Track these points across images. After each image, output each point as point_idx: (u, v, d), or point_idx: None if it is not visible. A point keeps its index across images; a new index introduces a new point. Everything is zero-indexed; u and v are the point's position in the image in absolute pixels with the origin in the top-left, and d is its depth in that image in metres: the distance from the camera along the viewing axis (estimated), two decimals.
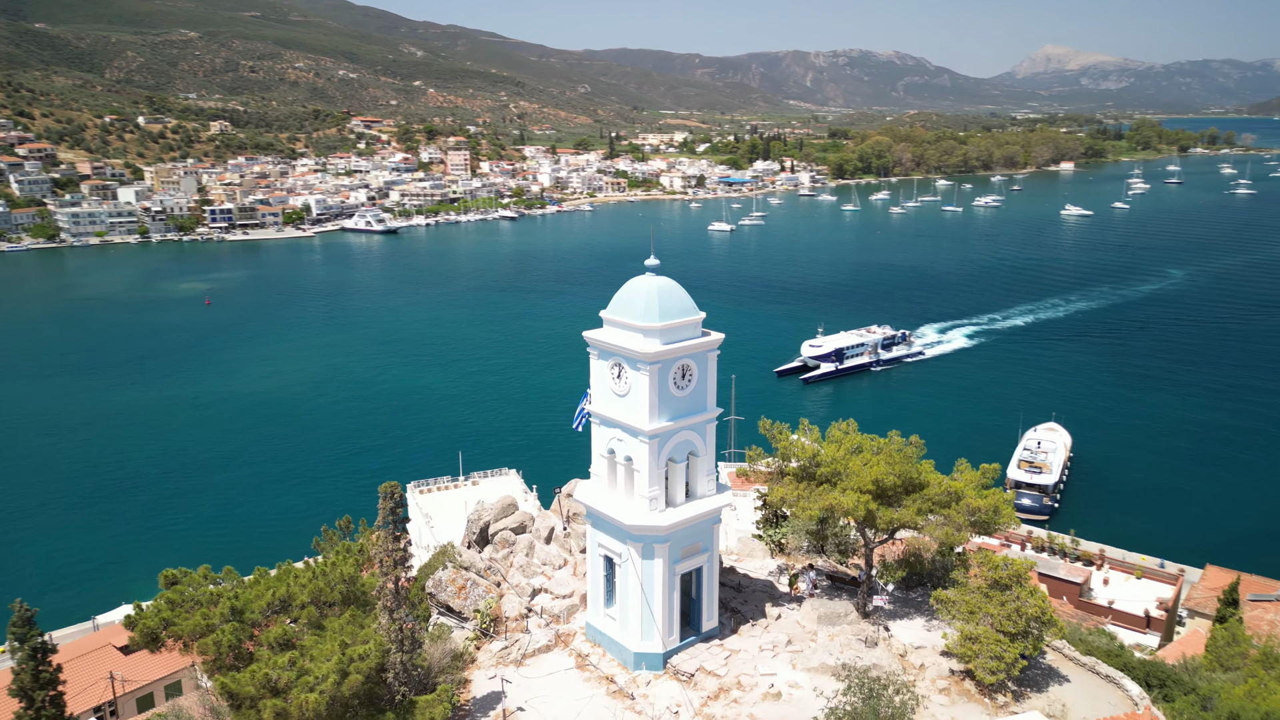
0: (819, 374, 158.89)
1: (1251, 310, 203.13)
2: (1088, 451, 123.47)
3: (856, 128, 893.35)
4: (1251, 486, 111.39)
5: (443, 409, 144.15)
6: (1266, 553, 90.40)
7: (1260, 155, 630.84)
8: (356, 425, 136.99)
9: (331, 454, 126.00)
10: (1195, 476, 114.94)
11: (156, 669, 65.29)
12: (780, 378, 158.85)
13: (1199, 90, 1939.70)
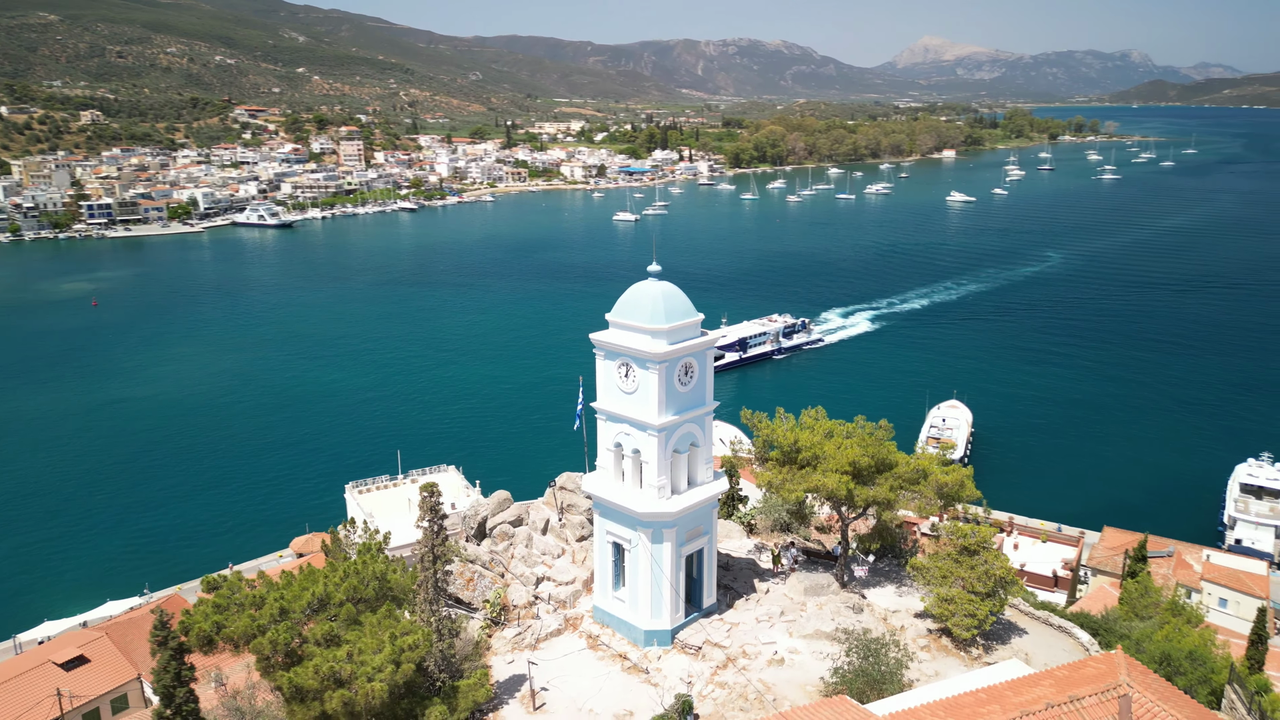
0: (724, 364, 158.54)
1: (1123, 289, 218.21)
2: (988, 426, 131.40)
3: (749, 117, 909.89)
4: (1135, 453, 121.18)
5: (367, 407, 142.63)
6: (1154, 514, 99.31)
7: (1123, 142, 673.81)
8: (277, 427, 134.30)
9: (254, 458, 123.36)
10: (1086, 446, 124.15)
11: (101, 683, 64.23)
12: None
13: (1064, 80, 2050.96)
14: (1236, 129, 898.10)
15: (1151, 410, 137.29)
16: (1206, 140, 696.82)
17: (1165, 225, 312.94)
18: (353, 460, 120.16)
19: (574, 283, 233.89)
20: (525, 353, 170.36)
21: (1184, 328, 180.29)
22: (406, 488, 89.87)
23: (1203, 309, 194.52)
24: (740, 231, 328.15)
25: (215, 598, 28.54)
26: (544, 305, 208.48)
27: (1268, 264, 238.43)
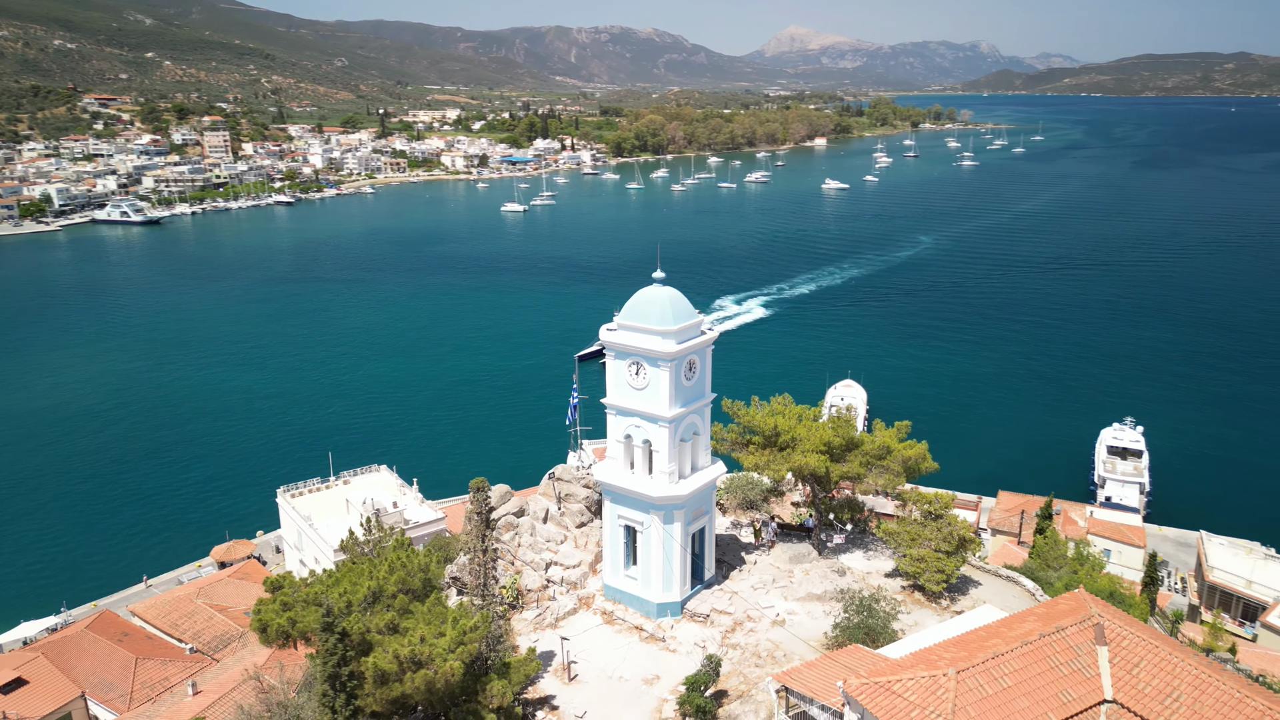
0: None
1: (990, 270, 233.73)
2: (881, 404, 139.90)
3: (625, 105, 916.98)
4: (1014, 422, 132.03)
5: (280, 411, 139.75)
6: (1037, 477, 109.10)
7: (978, 130, 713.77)
8: (182, 435, 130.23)
9: (162, 468, 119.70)
10: (971, 418, 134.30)
11: (44, 704, 63.31)
12: (581, 362, 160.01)
13: (920, 69, 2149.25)
14: (1077, 116, 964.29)
15: (1024, 382, 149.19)
16: (1052, 127, 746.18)
17: (1021, 209, 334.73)
18: (272, 465, 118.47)
19: (470, 275, 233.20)
20: (435, 348, 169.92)
21: (1045, 305, 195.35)
22: (340, 489, 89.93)
23: (1060, 287, 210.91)
24: (629, 221, 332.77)
25: (281, 596, 30.26)
26: (443, 299, 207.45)
27: (1113, 244, 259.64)
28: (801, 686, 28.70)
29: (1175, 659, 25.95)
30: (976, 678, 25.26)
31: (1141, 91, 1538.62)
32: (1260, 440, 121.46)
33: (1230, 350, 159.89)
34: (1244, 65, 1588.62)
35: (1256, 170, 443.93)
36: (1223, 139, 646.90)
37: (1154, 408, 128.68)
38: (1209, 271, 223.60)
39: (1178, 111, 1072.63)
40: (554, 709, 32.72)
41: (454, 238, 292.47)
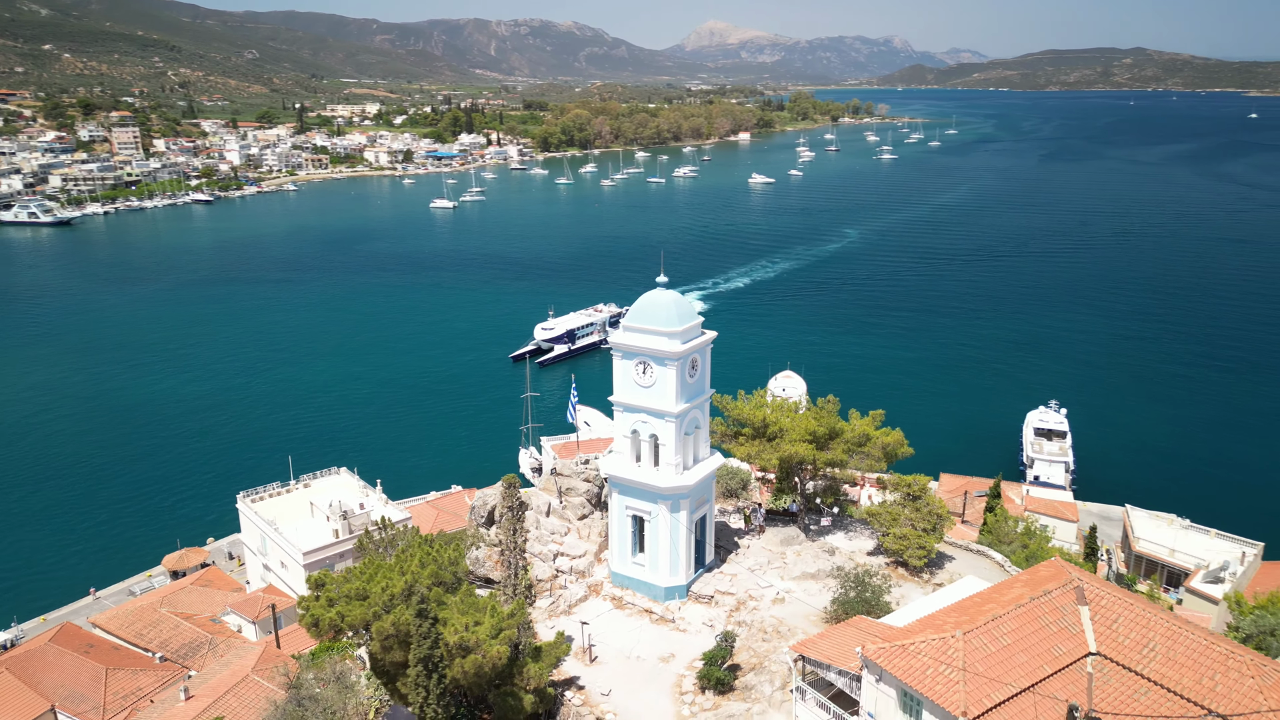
0: (553, 356, 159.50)
1: (915, 261, 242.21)
2: (820, 393, 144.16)
3: (548, 99, 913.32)
4: (946, 408, 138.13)
5: (223, 415, 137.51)
6: (971, 459, 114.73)
7: (894, 124, 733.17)
8: (116, 443, 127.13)
9: (103, 477, 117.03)
10: (905, 404, 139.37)
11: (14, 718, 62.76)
12: (515, 362, 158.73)
13: (837, 64, 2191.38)
14: (987, 110, 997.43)
15: (954, 369, 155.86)
16: (964, 121, 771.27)
17: (940, 202, 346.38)
18: (218, 471, 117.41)
19: (404, 274, 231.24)
20: (376, 348, 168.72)
21: (969, 294, 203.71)
22: (302, 492, 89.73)
23: (982, 277, 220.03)
24: (561, 217, 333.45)
25: (326, 593, 31.63)
26: (379, 299, 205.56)
27: (1029, 235, 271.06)
28: (818, 655, 31.45)
29: (1148, 615, 29.51)
30: (980, 638, 28.37)
31: (1046, 86, 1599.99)
32: (1172, 419, 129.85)
33: (1141, 334, 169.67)
34: (1141, 60, 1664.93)
35: (1156, 162, 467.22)
36: (1123, 132, 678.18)
37: (1075, 390, 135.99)
38: (1118, 259, 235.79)
39: (1081, 105, 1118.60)
40: (580, 689, 34.82)
41: (384, 235, 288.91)
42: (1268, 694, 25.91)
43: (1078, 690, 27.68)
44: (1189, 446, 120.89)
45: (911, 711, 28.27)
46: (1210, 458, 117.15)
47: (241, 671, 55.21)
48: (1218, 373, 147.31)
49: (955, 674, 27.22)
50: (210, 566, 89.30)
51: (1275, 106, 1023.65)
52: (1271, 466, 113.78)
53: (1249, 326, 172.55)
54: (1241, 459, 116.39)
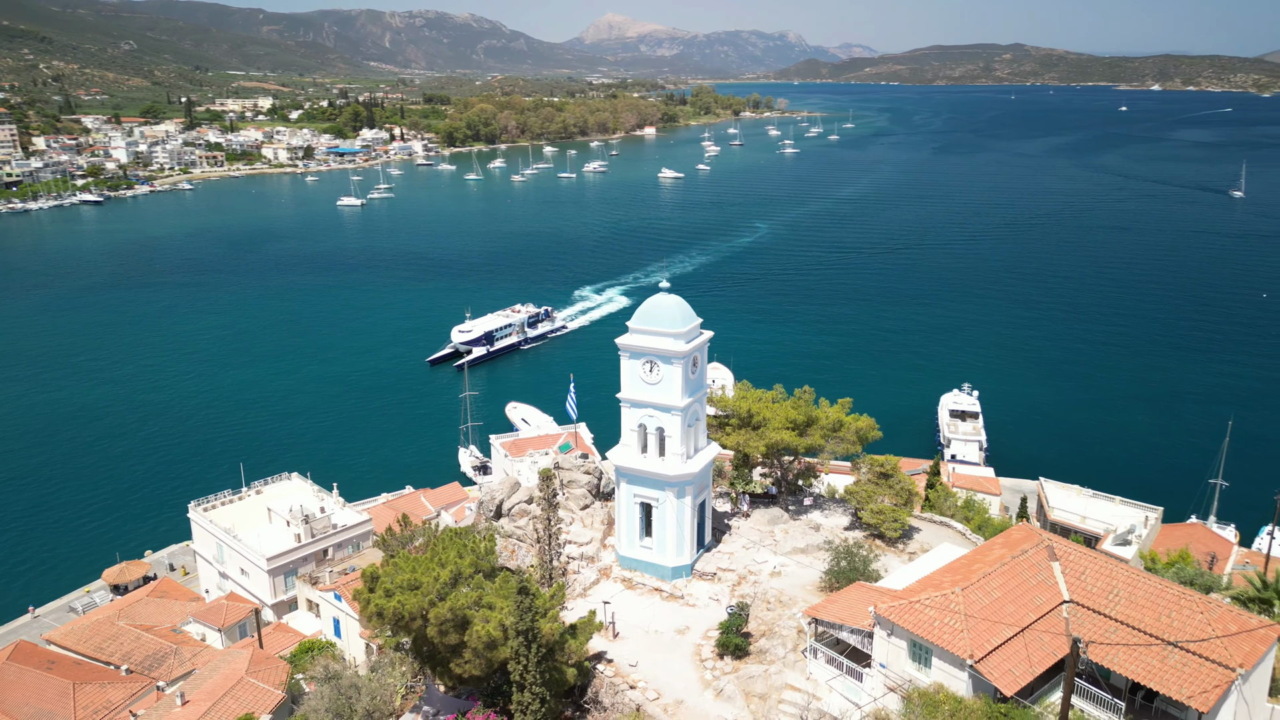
0: (472, 359, 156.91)
1: (825, 253, 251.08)
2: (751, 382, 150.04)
3: (447, 92, 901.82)
4: (867, 392, 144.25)
5: (137, 425, 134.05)
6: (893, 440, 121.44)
7: (794, 118, 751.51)
8: (35, 458, 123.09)
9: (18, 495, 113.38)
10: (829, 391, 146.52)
11: None
12: (434, 366, 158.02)
13: (735, 58, 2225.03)
14: (880, 104, 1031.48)
15: (869, 356, 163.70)
16: (860, 115, 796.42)
17: (843, 195, 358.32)
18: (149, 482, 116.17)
19: (316, 274, 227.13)
20: (296, 351, 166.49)
21: (878, 284, 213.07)
22: (255, 499, 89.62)
23: (889, 268, 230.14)
24: (474, 214, 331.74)
25: (382, 585, 33.83)
26: (293, 301, 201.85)
27: (927, 227, 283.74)
28: (830, 616, 35.42)
29: (1110, 567, 34.54)
30: (975, 593, 32.78)
31: (933, 80, 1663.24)
32: (1071, 397, 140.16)
33: (1037, 318, 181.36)
34: (1019, 56, 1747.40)
35: (1039, 154, 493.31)
36: (1007, 125, 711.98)
37: (983, 373, 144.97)
38: (1011, 249, 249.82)
39: (966, 99, 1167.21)
40: (609, 661, 37.91)
41: (293, 235, 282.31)
42: (1214, 625, 31.08)
43: (1058, 632, 32.39)
44: (1087, 422, 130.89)
45: (920, 660, 32.49)
46: (1107, 431, 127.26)
47: (236, 674, 56.24)
48: (1109, 352, 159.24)
49: (959, 623, 31.54)
50: (163, 578, 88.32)
51: (1142, 100, 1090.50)
52: (1160, 437, 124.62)
53: (1133, 309, 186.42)
54: (1134, 431, 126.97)
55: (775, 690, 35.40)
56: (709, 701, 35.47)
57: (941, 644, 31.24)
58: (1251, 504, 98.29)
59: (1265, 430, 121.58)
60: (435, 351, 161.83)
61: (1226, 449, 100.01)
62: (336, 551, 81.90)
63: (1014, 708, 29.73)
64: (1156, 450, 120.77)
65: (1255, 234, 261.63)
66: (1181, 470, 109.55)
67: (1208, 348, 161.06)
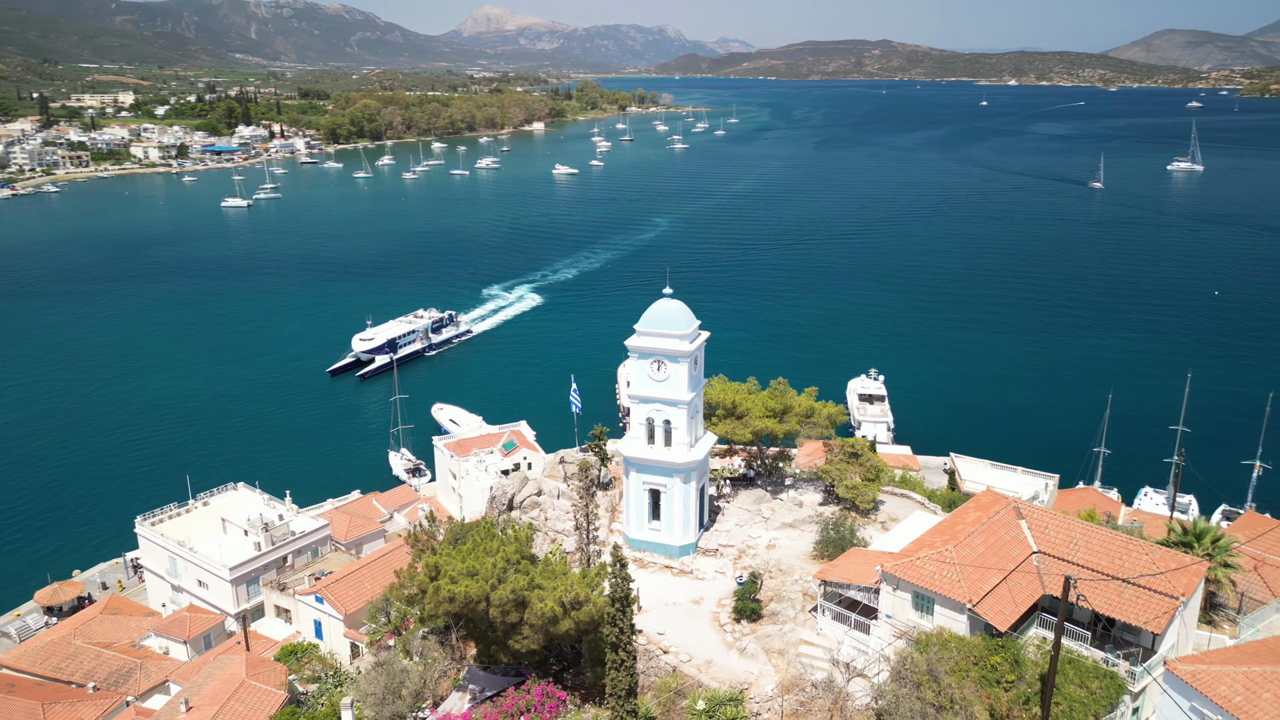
0: (375, 368, 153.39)
1: (723, 247, 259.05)
2: None
3: (322, 86, 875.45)
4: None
5: (45, 442, 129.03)
6: None
7: (680, 113, 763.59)
8: None
9: None
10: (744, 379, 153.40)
11: None
12: (335, 377, 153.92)
13: (615, 52, 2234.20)
14: (760, 99, 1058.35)
15: (777, 345, 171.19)
16: (744, 110, 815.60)
17: (735, 190, 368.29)
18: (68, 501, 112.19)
19: (209, 280, 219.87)
20: (200, 360, 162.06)
21: (779, 277, 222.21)
22: (202, 510, 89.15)
23: (787, 261, 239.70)
24: (368, 213, 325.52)
25: (446, 573, 36.86)
26: (186, 308, 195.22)
27: (818, 220, 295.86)
28: (838, 577, 40.53)
29: (1067, 522, 40.89)
30: (964, 548, 38.48)
31: (808, 75, 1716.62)
32: (966, 376, 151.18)
33: (929, 305, 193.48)
34: (887, 52, 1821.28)
35: (913, 148, 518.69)
36: (881, 119, 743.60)
37: (886, 358, 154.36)
38: (898, 239, 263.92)
39: (841, 94, 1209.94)
40: (639, 631, 41.91)
41: (176, 239, 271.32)
42: (1156, 563, 37.69)
43: (1033, 578, 38.43)
44: (982, 399, 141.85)
45: (923, 608, 37.95)
46: (1001, 408, 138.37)
47: (237, 678, 57.57)
48: (996, 335, 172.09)
49: (957, 574, 37.12)
50: (113, 595, 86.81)
51: (1001, 94, 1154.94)
52: (1048, 411, 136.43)
53: (1013, 294, 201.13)
54: (1025, 407, 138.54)
55: (791, 646, 40.33)
56: (735, 660, 40.08)
57: (943, 592, 36.75)
58: (1129, 468, 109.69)
59: (1137, 401, 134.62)
60: (335, 361, 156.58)
61: (1107, 420, 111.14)
62: (296, 558, 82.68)
63: (1008, 640, 35.50)
64: (1046, 423, 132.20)
65: (1114, 221, 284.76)
66: (1068, 440, 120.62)
67: (1083, 328, 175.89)
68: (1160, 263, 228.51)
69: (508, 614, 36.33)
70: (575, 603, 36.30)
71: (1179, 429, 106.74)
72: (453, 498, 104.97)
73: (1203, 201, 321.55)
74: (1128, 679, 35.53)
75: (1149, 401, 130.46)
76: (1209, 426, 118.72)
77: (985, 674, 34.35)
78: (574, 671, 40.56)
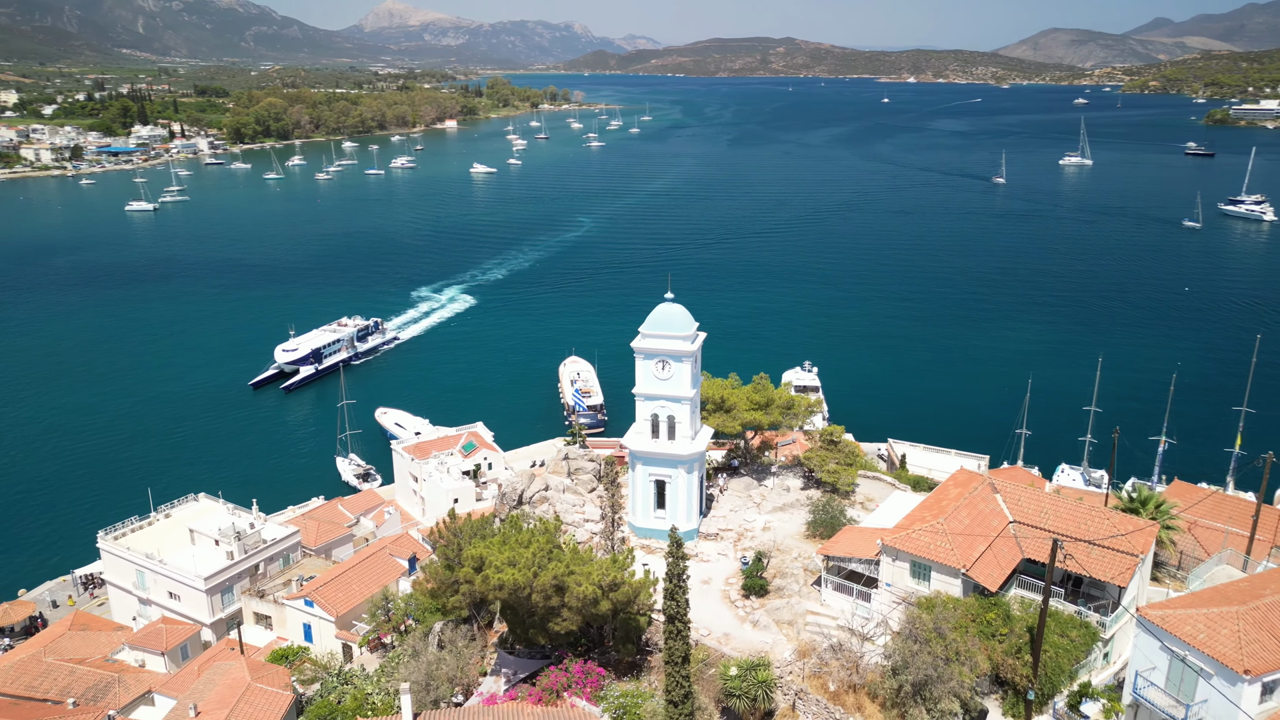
0: (300, 379, 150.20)
1: (649, 245, 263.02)
2: (607, 373, 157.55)
3: (218, 82, 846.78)
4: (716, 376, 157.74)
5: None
6: None
7: (593, 110, 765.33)
8: None
9: None
10: None
11: None
12: (257, 390, 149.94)
13: (522, 48, 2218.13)
14: (671, 96, 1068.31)
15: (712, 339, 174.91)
16: (656, 108, 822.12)
17: (655, 188, 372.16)
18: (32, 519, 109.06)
19: (115, 288, 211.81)
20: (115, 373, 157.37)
21: (707, 274, 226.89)
22: (165, 522, 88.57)
23: (714, 258, 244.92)
24: (282, 215, 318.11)
25: (490, 565, 39.49)
26: (95, 318, 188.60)
27: (739, 217, 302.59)
28: (840, 552, 44.74)
29: (1035, 494, 46.10)
30: (953, 521, 43.18)
31: (716, 72, 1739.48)
32: (893, 366, 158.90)
33: (854, 298, 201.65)
34: (792, 49, 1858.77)
35: (822, 145, 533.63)
36: (790, 117, 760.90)
37: (818, 350, 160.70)
38: (819, 234, 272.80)
39: (749, 91, 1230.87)
40: (658, 611, 45.32)
41: (79, 245, 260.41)
42: (1116, 527, 43.07)
43: (1012, 544, 43.36)
44: (909, 386, 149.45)
45: (920, 576, 42.45)
46: (927, 394, 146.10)
47: (242, 682, 58.67)
48: (918, 325, 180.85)
49: (950, 542, 41.76)
50: (78, 610, 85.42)
51: (901, 91, 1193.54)
52: (972, 396, 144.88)
53: (929, 285, 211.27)
54: (950, 392, 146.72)
55: (799, 617, 44.37)
56: (749, 632, 43.90)
57: (939, 560, 41.31)
58: (1048, 447, 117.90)
59: (1054, 384, 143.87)
60: (258, 373, 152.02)
61: (1028, 404, 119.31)
62: (268, 566, 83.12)
63: (998, 599, 40.25)
64: (972, 408, 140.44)
65: (1017, 214, 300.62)
66: (994, 423, 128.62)
67: (1001, 317, 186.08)
68: (1064, 254, 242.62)
69: (549, 598, 39.27)
70: (613, 585, 39.50)
71: (1091, 409, 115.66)
72: (414, 500, 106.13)
73: (1094, 195, 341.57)
74: (1099, 628, 40.74)
75: (1064, 385, 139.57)
76: (1118, 406, 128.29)
77: (982, 629, 39.03)
78: (599, 651, 43.65)
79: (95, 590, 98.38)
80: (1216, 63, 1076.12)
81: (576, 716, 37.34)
